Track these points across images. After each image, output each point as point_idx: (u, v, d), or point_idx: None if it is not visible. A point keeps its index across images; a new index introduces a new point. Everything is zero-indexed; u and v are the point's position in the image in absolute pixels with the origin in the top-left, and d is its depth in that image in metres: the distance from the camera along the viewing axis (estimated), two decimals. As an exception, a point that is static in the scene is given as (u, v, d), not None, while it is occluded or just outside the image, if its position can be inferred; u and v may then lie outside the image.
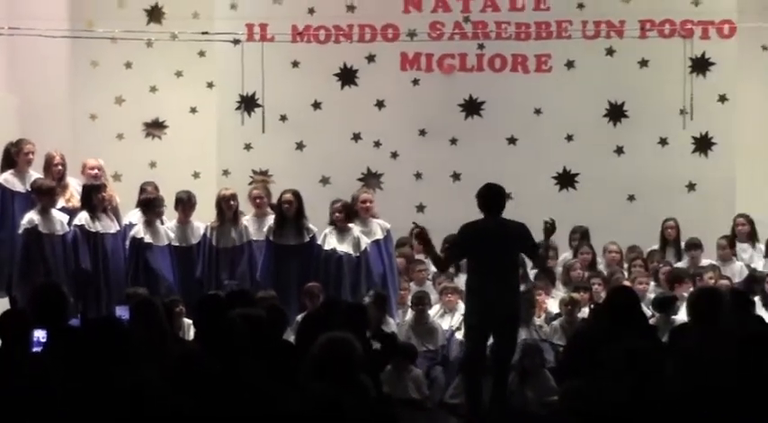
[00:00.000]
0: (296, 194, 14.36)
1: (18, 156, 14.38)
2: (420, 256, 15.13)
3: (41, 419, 6.74)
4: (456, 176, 16.54)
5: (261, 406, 6.97)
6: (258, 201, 14.62)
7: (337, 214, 14.28)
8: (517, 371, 13.24)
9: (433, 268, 14.82)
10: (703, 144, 16.55)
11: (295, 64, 16.70)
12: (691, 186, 16.55)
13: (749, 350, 7.69)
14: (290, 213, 14.25)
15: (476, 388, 12.29)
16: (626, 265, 15.11)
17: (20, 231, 13.78)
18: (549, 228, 12.60)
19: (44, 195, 13.84)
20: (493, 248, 12.18)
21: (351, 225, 14.26)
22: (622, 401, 6.95)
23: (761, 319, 11.26)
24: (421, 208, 16.21)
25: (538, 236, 12.31)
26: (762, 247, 15.24)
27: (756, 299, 13.55)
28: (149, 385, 7.12)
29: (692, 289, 13.14)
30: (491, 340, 12.30)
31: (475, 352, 12.31)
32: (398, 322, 14.22)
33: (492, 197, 12.35)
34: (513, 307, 12.33)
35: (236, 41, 16.43)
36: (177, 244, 14.28)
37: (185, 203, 14.38)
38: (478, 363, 12.29)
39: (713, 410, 6.74)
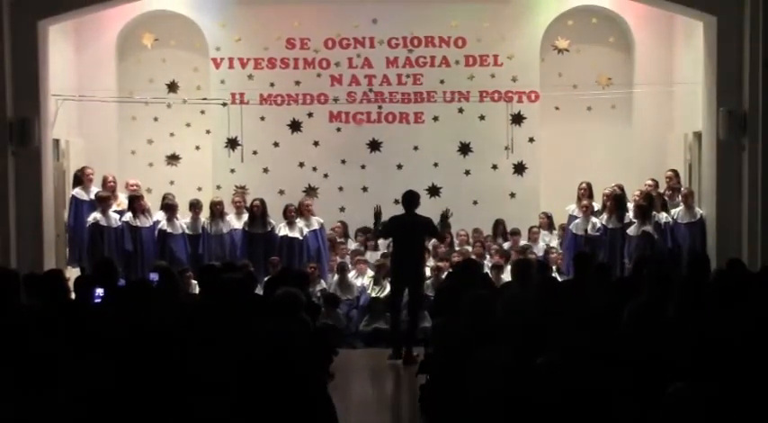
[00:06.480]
0: (261, 201, 14.51)
1: (83, 177, 14.45)
2: (341, 239, 15.17)
3: (99, 340, 6.67)
4: (365, 189, 16.46)
5: (242, 331, 6.95)
6: (237, 205, 14.71)
7: (289, 214, 14.43)
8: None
9: (351, 246, 14.92)
10: (519, 168, 16.58)
11: (262, 118, 16.55)
12: (512, 195, 16.57)
13: (548, 296, 7.84)
14: (258, 213, 14.35)
15: (396, 320, 12.57)
16: (472, 243, 15.22)
17: (87, 225, 13.78)
18: (445, 215, 12.96)
19: (101, 202, 13.92)
20: (406, 233, 12.42)
21: (295, 220, 14.41)
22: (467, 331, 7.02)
23: (554, 278, 11.37)
24: (342, 209, 16.15)
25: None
26: (556, 232, 15.39)
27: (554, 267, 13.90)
28: (168, 321, 7.10)
29: (513, 260, 13.28)
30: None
31: (395, 298, 12.59)
32: (329, 281, 14.27)
33: (408, 199, 12.71)
34: (418, 271, 12.58)
35: (225, 104, 16.24)
36: (190, 233, 14.25)
37: (195, 207, 14.46)
38: (398, 305, 12.54)
39: (525, 331, 6.80)
